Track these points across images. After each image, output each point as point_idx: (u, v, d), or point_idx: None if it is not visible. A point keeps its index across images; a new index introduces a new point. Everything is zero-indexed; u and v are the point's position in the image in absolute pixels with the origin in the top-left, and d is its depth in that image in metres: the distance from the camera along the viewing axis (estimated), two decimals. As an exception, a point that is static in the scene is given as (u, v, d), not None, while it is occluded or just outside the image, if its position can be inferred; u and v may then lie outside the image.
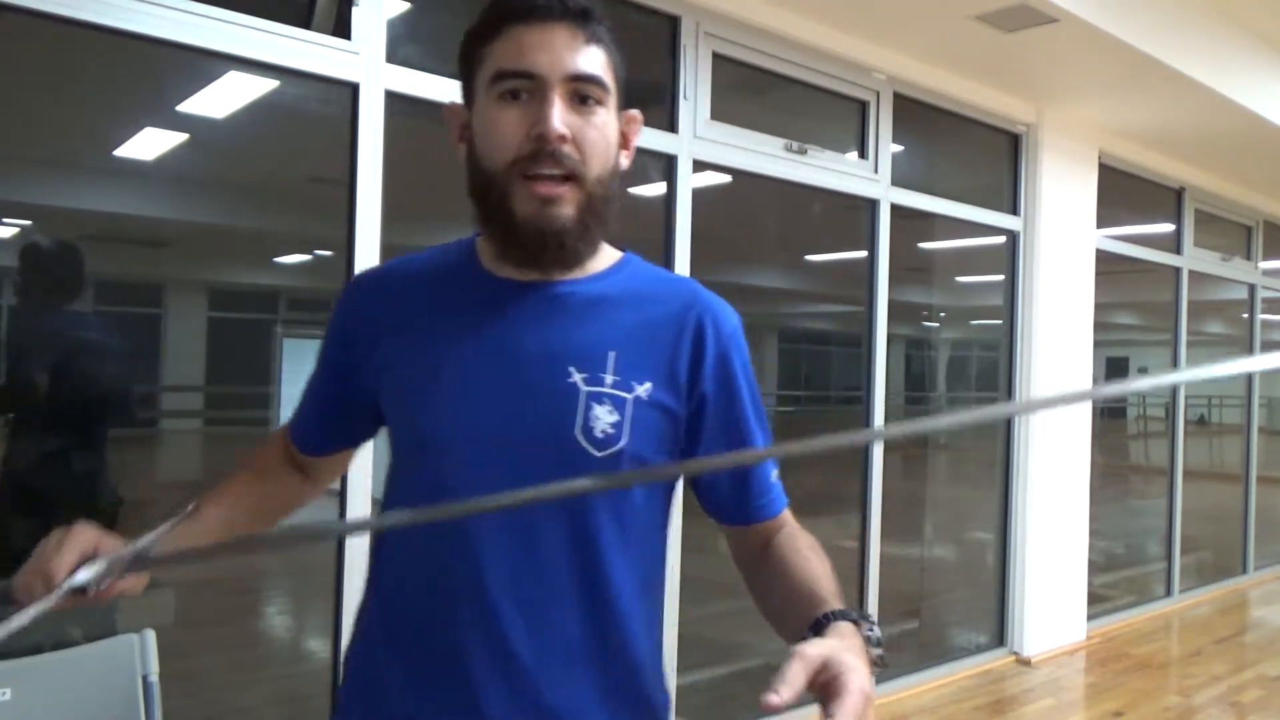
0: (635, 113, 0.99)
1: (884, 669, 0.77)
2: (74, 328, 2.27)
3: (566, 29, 0.90)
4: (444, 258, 1.03)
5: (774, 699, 0.65)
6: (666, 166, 3.06)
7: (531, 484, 0.88)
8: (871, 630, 0.78)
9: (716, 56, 3.15)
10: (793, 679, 0.66)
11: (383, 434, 1.07)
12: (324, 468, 1.17)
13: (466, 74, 0.95)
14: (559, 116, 0.88)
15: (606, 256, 1.00)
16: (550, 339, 0.94)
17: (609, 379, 0.92)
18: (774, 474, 1.02)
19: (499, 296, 0.96)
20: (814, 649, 0.69)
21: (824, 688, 0.68)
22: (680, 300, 0.99)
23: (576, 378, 0.92)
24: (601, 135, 0.91)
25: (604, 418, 0.91)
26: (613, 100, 0.93)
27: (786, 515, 1.03)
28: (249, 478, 1.10)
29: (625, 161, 0.98)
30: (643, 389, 0.93)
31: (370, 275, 1.08)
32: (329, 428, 1.10)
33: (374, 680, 0.98)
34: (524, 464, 0.90)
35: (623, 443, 0.92)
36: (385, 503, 1.03)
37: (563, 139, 0.88)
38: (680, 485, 1.12)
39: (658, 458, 0.95)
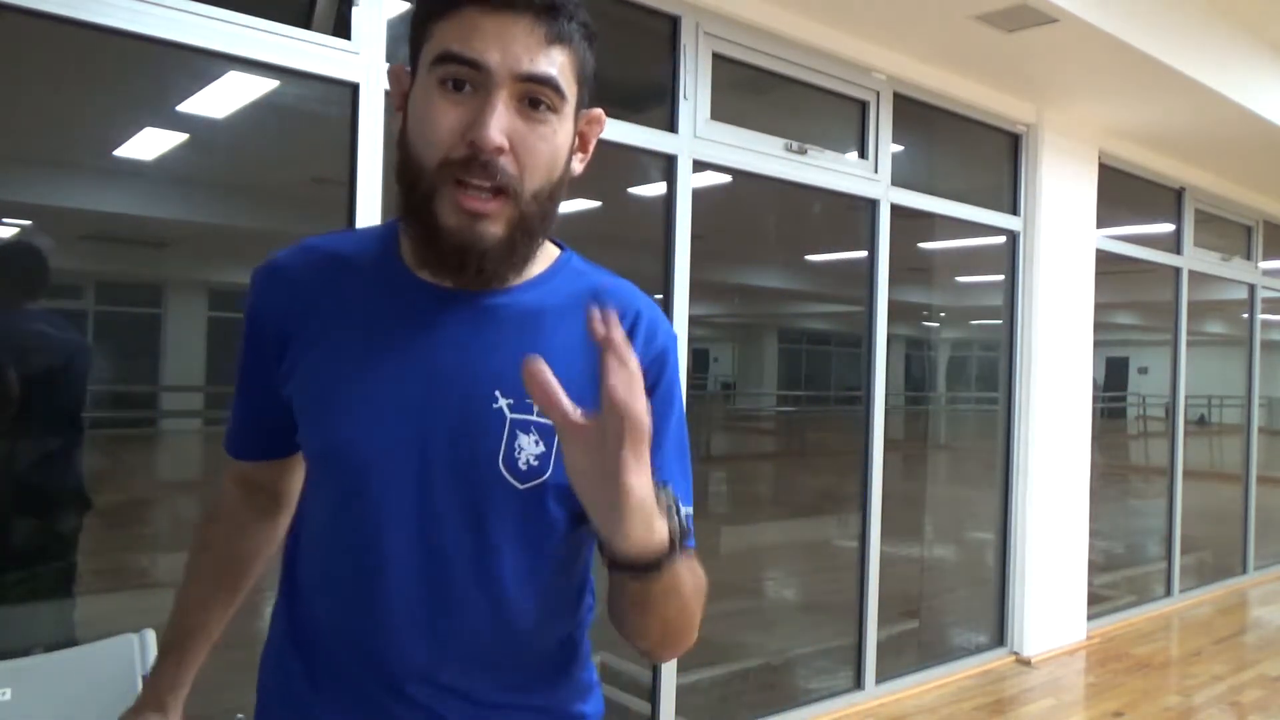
0: (598, 112, 0.91)
1: (682, 535, 0.76)
2: (31, 323, 2.19)
3: (528, 22, 0.80)
4: (361, 247, 0.94)
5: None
6: (666, 166, 3.06)
7: (448, 508, 0.85)
8: (676, 506, 0.76)
9: (716, 56, 3.15)
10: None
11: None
12: (285, 472, 1.09)
13: (414, 42, 0.85)
14: (499, 123, 0.79)
15: (543, 257, 0.92)
16: (475, 357, 0.86)
17: (537, 406, 0.83)
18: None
19: (422, 303, 0.88)
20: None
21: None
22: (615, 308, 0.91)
23: (502, 403, 0.85)
24: (548, 146, 0.82)
25: (529, 449, 0.85)
26: (570, 106, 0.85)
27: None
28: (208, 559, 1.09)
29: (578, 167, 0.90)
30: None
31: (272, 268, 0.95)
32: (263, 434, 1.03)
33: (282, 682, 0.96)
34: (441, 486, 0.86)
35: (547, 475, 0.85)
36: (301, 509, 0.99)
37: (499, 150, 0.79)
38: None
39: None
